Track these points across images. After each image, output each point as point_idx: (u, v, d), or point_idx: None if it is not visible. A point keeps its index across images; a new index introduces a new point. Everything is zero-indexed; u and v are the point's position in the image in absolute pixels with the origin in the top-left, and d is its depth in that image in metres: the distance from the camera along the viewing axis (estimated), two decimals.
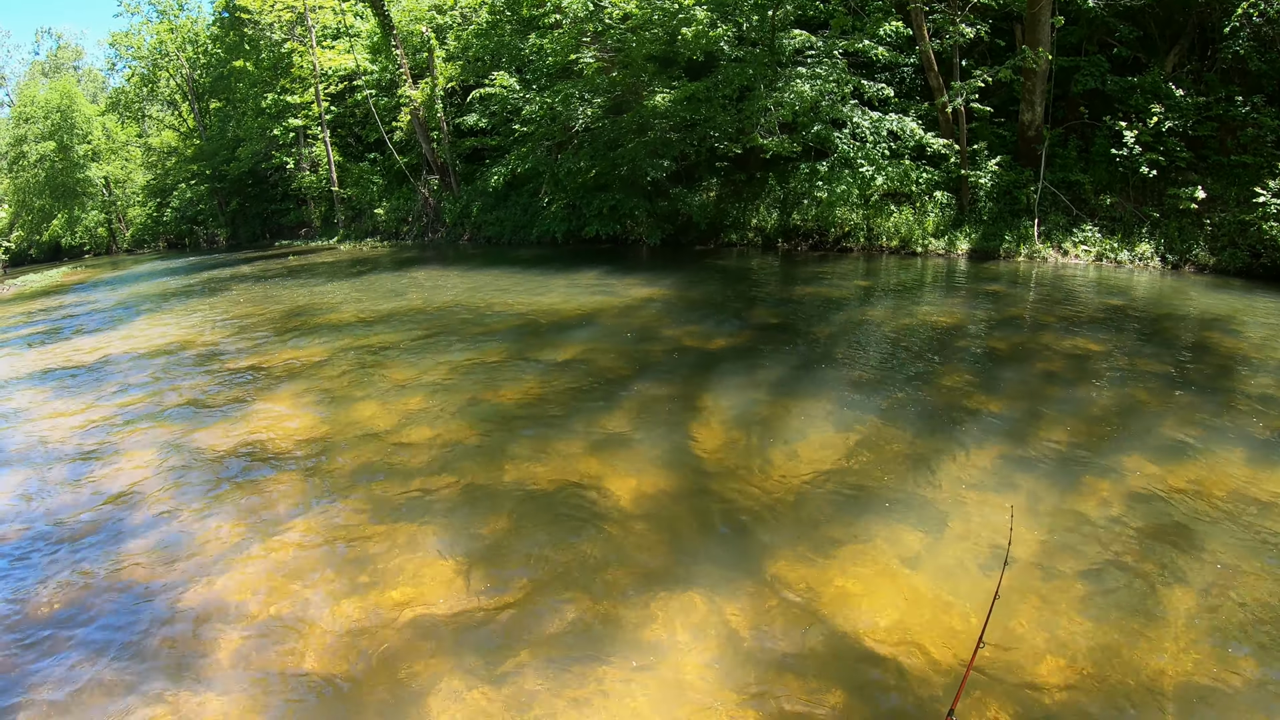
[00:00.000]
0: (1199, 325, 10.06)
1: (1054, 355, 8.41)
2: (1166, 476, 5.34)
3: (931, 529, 4.69)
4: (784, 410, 6.56)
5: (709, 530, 4.71)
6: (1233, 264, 13.83)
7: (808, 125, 14.80)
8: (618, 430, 6.17)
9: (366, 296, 13.29)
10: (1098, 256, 14.21)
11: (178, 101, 37.04)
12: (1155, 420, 6.42)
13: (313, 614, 3.99)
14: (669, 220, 16.04)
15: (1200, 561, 4.36)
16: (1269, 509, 4.91)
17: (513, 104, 18.02)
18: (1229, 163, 14.56)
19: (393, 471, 5.57)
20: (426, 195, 20.07)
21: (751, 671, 3.54)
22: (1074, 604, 4.00)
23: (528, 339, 9.30)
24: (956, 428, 6.18)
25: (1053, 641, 3.72)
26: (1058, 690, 3.44)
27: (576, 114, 16.81)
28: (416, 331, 9.93)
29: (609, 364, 8.05)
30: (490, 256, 17.55)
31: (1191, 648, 3.66)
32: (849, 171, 14.39)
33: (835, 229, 14.79)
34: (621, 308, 11.05)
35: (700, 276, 13.57)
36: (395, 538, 4.68)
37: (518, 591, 4.12)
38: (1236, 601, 4.01)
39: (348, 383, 7.79)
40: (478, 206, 18.86)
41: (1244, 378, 7.79)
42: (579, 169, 16.56)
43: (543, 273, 14.74)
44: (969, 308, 10.84)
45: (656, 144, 16.00)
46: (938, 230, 14.49)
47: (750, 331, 9.56)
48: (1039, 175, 14.75)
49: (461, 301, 11.95)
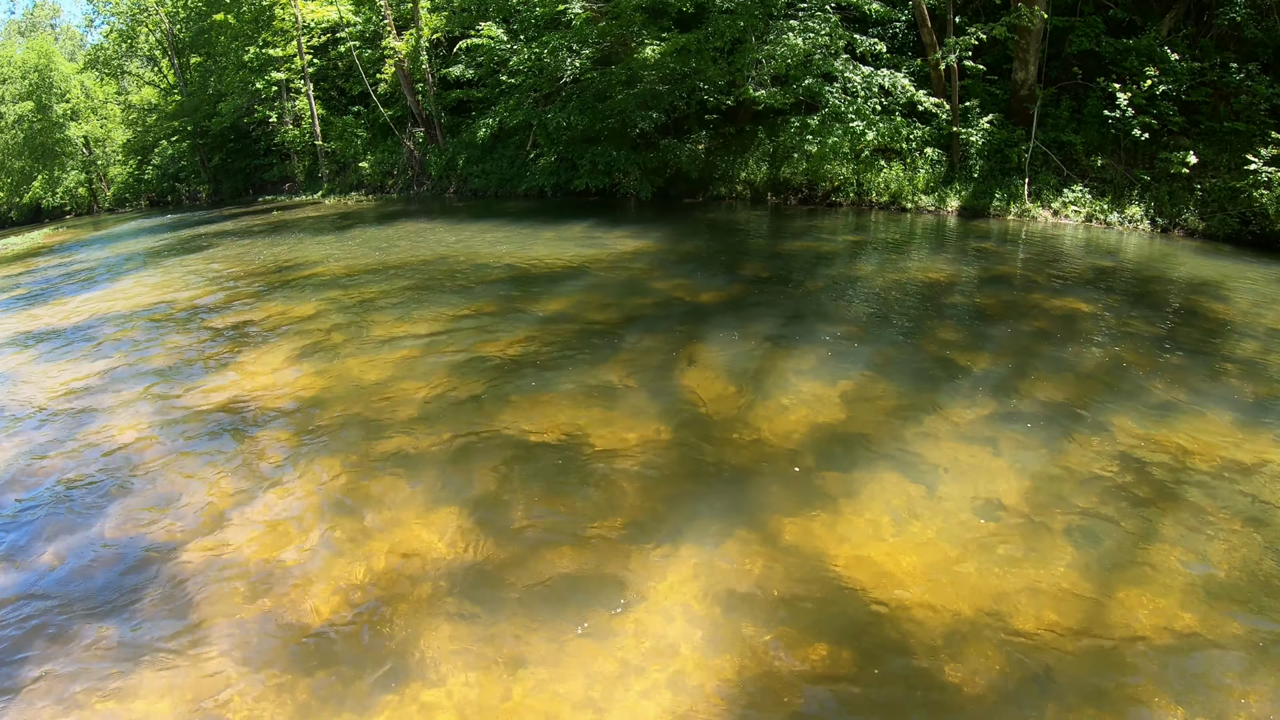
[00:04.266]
0: (1188, 289, 10.05)
1: (1043, 314, 8.39)
2: (1154, 436, 5.37)
3: (922, 481, 4.70)
4: (774, 362, 6.54)
5: (700, 481, 4.70)
6: (1222, 230, 13.81)
7: (799, 78, 14.58)
8: (608, 382, 6.15)
9: (352, 251, 13.08)
10: (1087, 217, 14.15)
11: (157, 57, 36.21)
12: (1143, 381, 6.43)
13: (308, 566, 4.01)
14: (658, 173, 15.84)
15: (1187, 521, 4.40)
16: (1254, 472, 4.95)
17: (499, 55, 17.66)
18: (1221, 129, 14.50)
19: (384, 424, 5.55)
20: (412, 148, 19.73)
21: (743, 621, 3.55)
22: (1062, 558, 4.03)
23: (517, 291, 9.19)
24: (946, 382, 6.19)
25: (1041, 594, 3.76)
26: (1045, 643, 3.47)
27: (565, 66, 16.50)
28: (404, 285, 9.80)
29: (599, 316, 7.97)
30: (477, 209, 17.30)
31: (1176, 604, 3.71)
32: (840, 126, 14.20)
33: (825, 183, 14.64)
34: (611, 260, 10.96)
35: (689, 229, 13.46)
36: (388, 490, 4.69)
37: (510, 542, 4.13)
38: (1221, 561, 4.06)
39: (336, 337, 7.69)
40: (464, 159, 18.56)
41: (1232, 342, 7.80)
42: (568, 122, 16.27)
43: (531, 225, 14.57)
44: (959, 264, 10.80)
45: (646, 96, 15.74)
46: (928, 187, 14.37)
47: (740, 284, 9.49)
48: (1030, 135, 14.63)
49: (449, 254, 11.79)
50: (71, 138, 36.96)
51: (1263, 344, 7.76)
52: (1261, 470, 4.99)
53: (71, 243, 21.68)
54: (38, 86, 36.33)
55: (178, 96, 32.47)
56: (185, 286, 11.30)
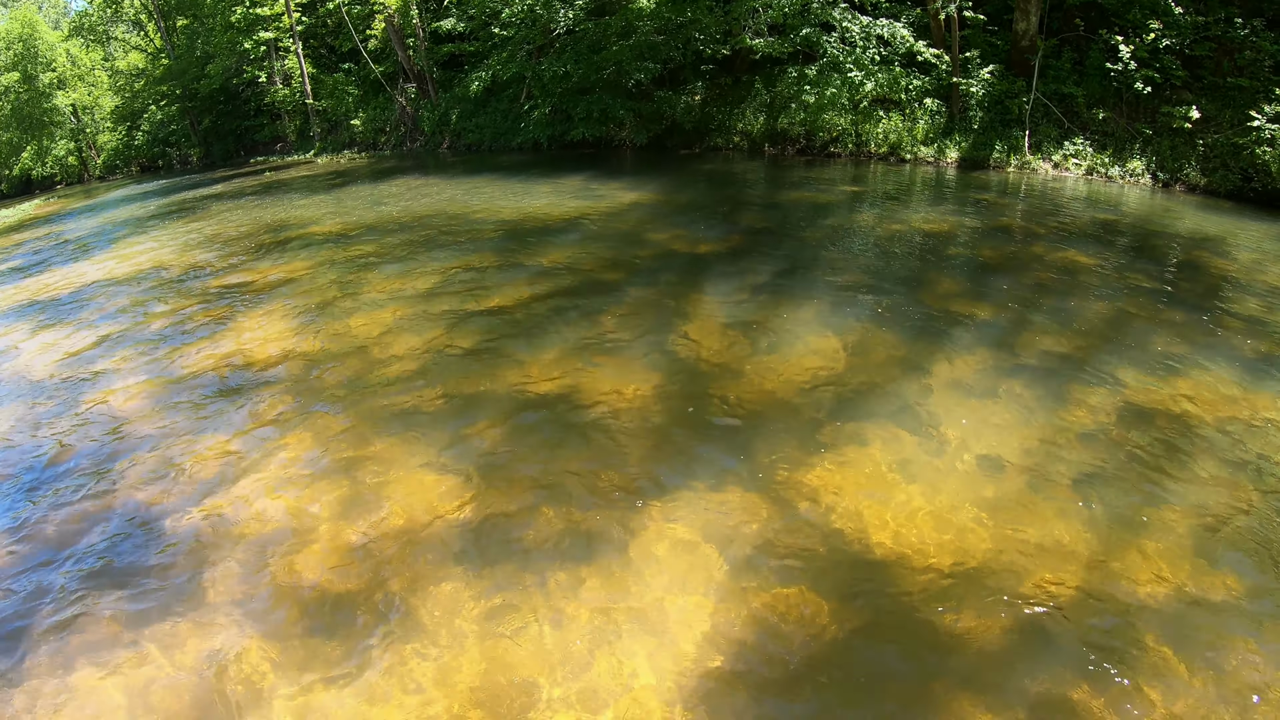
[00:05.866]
0: (1189, 244, 9.97)
1: (1044, 266, 8.33)
2: (1156, 391, 5.34)
3: (923, 434, 4.64)
4: (774, 314, 6.47)
5: (700, 433, 4.63)
6: (1224, 186, 13.67)
7: (796, 28, 14.34)
8: (607, 335, 6.08)
9: (346, 209, 12.88)
10: (1088, 171, 13.99)
11: (143, 21, 35.54)
12: (1145, 335, 6.36)
13: (308, 529, 3.97)
14: (654, 122, 15.62)
15: (1189, 476, 4.35)
16: (1255, 429, 4.92)
17: (491, 7, 17.36)
18: (1225, 84, 14.31)
19: (382, 383, 5.49)
20: (404, 104, 19.43)
21: (744, 575, 3.52)
22: (1063, 513, 3.98)
23: (513, 245, 9.07)
24: (947, 333, 6.12)
25: (1043, 548, 3.72)
26: (1047, 597, 3.42)
27: (558, 16, 16.22)
28: (399, 241, 9.67)
29: (596, 269, 7.89)
30: (471, 164, 17.07)
31: (1178, 559, 3.68)
32: (838, 76, 13.99)
33: (823, 134, 14.44)
34: (608, 212, 10.83)
35: (686, 180, 13.32)
36: (387, 449, 4.62)
37: (510, 498, 4.08)
38: (1222, 517, 4.01)
39: (332, 296, 7.59)
40: (456, 114, 18.29)
41: (1233, 299, 7.77)
42: (564, 73, 16.02)
43: (526, 178, 14.37)
44: (958, 216, 10.71)
45: (641, 47, 15.49)
46: (927, 138, 14.18)
47: (738, 235, 9.39)
48: (1031, 86, 14.42)
49: (443, 210, 11.63)
50: (59, 106, 36.24)
51: (1264, 301, 7.74)
52: (1263, 426, 4.96)
53: (63, 212, 21.29)
54: (22, 57, 35.55)
55: (165, 60, 31.91)
56: (180, 251, 11.09)
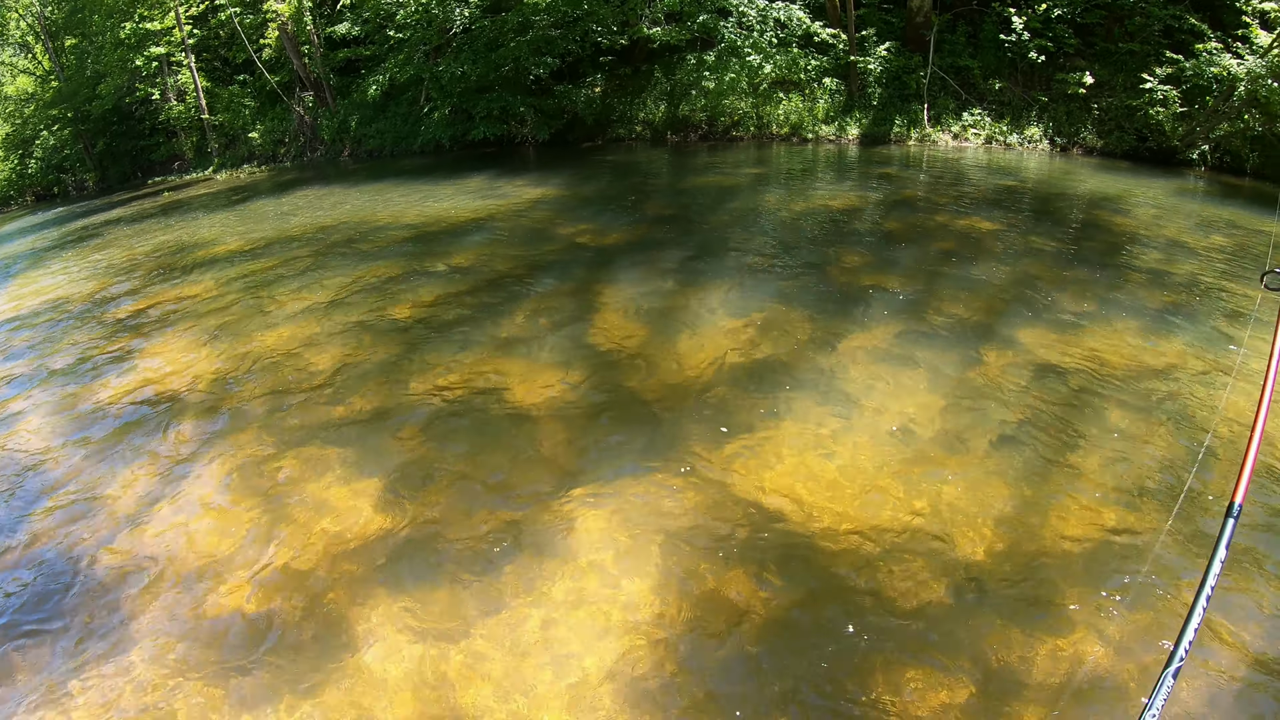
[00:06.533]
0: (1089, 205, 10.13)
1: (949, 234, 8.38)
2: (1065, 347, 5.41)
3: (842, 405, 4.67)
4: (685, 299, 6.44)
5: (620, 423, 4.60)
6: (1119, 147, 14.00)
7: (693, 15, 14.20)
8: (520, 333, 6.02)
9: (249, 225, 12.30)
10: (987, 139, 14.15)
11: (30, 44, 33.80)
12: (1051, 295, 6.45)
13: (233, 555, 3.84)
14: (555, 118, 15.35)
15: (1103, 425, 4.44)
16: (1164, 375, 5.04)
17: (386, 9, 16.81)
18: (1116, 50, 14.63)
19: (297, 399, 5.34)
20: (302, 113, 18.75)
21: (676, 558, 3.49)
22: (986, 470, 4.04)
23: (420, 250, 8.84)
24: (857, 307, 6.16)
25: (967, 507, 3.75)
26: (976, 554, 3.45)
27: (454, 16, 15.78)
28: (305, 254, 9.29)
29: (505, 267, 7.73)
30: (373, 170, 16.57)
31: (1099, 505, 3.74)
32: (736, 61, 13.90)
33: (724, 119, 14.34)
34: (513, 210, 10.60)
35: (590, 173, 13.12)
36: (307, 466, 4.50)
37: (437, 506, 4.01)
38: (1137, 465, 4.07)
39: (240, 314, 7.27)
40: (356, 120, 17.72)
41: (1135, 254, 7.94)
42: (461, 72, 15.61)
43: (429, 181, 14.01)
44: (862, 191, 10.72)
45: (539, 42, 15.17)
46: (828, 117, 14.18)
47: (645, 224, 9.29)
48: (928, 61, 14.52)
49: (348, 219, 11.21)
50: None
51: (1165, 254, 7.90)
52: (1171, 373, 5.07)
53: None
54: None
55: (55, 83, 30.32)
56: (81, 281, 10.40)
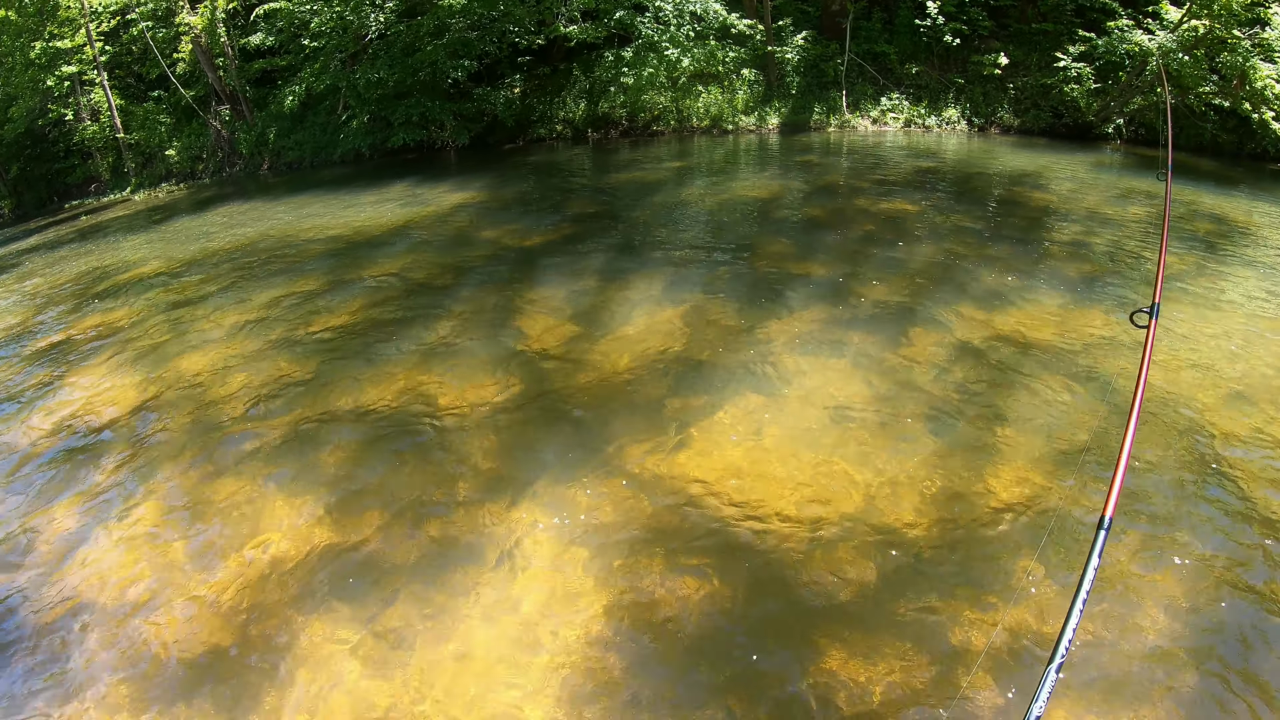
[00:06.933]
0: (1008, 182, 10.26)
1: (871, 218, 8.44)
2: (990, 323, 5.49)
3: (772, 393, 4.67)
4: (610, 297, 6.41)
5: (552, 427, 4.57)
6: (1036, 124, 14.22)
7: (609, 11, 14.09)
8: (447, 341, 5.94)
9: (170, 246, 11.84)
10: (906, 123, 14.26)
11: None
12: (975, 272, 6.54)
13: (171, 590, 3.72)
14: (475, 121, 15.12)
15: (1030, 395, 4.53)
16: (1087, 343, 5.15)
17: (300, 18, 16.39)
18: (1030, 30, 14.87)
19: (225, 422, 5.20)
20: (219, 128, 18.20)
21: (615, 557, 3.48)
22: (917, 448, 4.07)
23: (343, 262, 8.61)
24: (782, 295, 6.17)
25: (902, 486, 3.78)
26: (913, 532, 3.48)
27: (369, 21, 15.45)
28: (227, 273, 8.99)
29: (429, 275, 7.59)
30: (294, 183, 16.14)
31: (1030, 473, 3.83)
32: (654, 56, 13.81)
33: (644, 114, 14.26)
34: (436, 216, 10.41)
35: (512, 175, 12.93)
36: (240, 491, 4.38)
37: (371, 522, 3.93)
38: (1065, 432, 4.17)
39: (164, 338, 7.00)
40: (274, 132, 17.24)
41: (1055, 228, 8.09)
42: (378, 79, 15.29)
43: (350, 191, 13.64)
44: (784, 179, 10.73)
45: (456, 45, 14.91)
46: (748, 107, 14.18)
47: (568, 224, 9.21)
48: (845, 48, 14.60)
49: (269, 234, 10.87)
50: None
51: (1084, 226, 8.05)
52: (1093, 341, 5.16)
53: None
54: None
55: None
56: None
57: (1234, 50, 11.85)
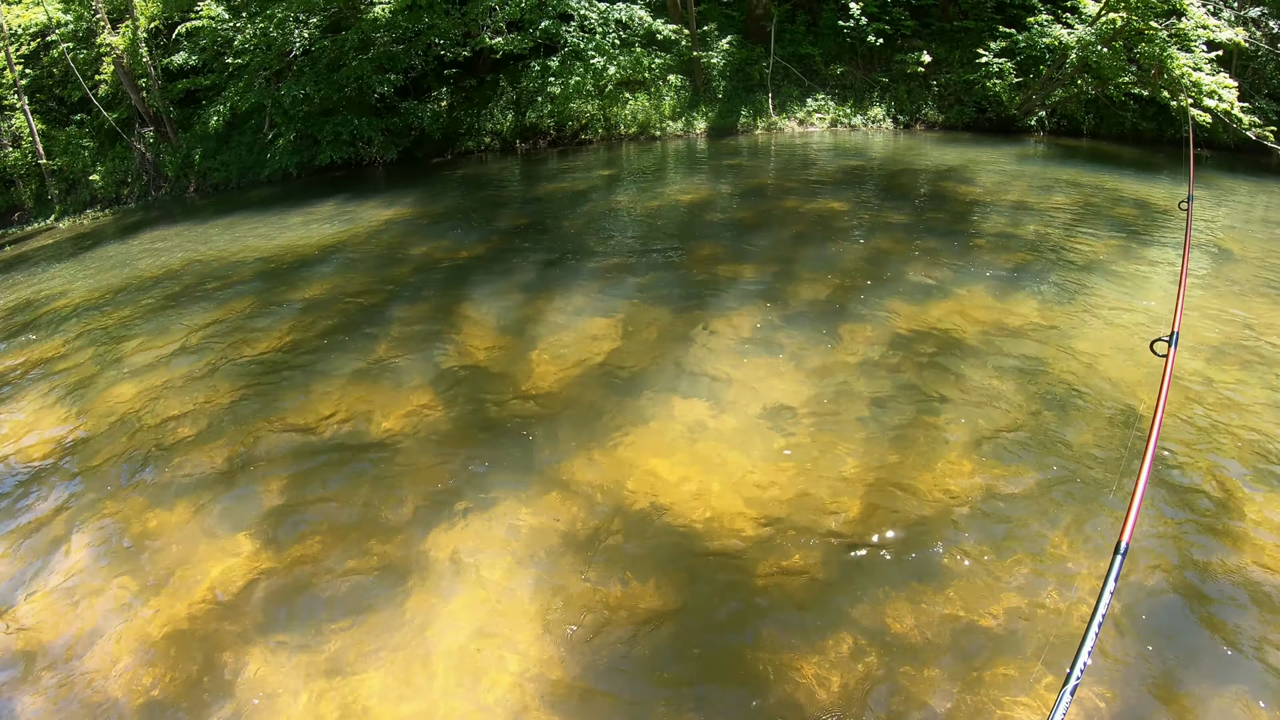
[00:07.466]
0: (935, 177, 10.40)
1: (800, 218, 8.50)
2: (922, 316, 5.56)
3: (710, 398, 4.68)
4: (544, 308, 6.40)
5: (492, 442, 4.53)
6: (960, 120, 14.49)
7: (535, 21, 14.03)
8: (381, 360, 5.84)
9: (96, 274, 11.44)
10: (832, 123, 14.42)
11: None
12: (904, 267, 6.60)
13: (110, 633, 3.57)
14: (403, 135, 14.96)
15: (966, 387, 4.59)
16: (1019, 332, 5.25)
17: (223, 36, 16.08)
18: (952, 28, 15.16)
19: (159, 453, 5.05)
20: (143, 150, 17.75)
21: (562, 570, 3.47)
22: (858, 446, 4.10)
23: (272, 283, 8.41)
24: (716, 298, 6.20)
25: (845, 485, 3.80)
26: (858, 531, 3.49)
27: (293, 37, 15.20)
28: (155, 299, 8.70)
29: (361, 294, 7.46)
30: (221, 205, 15.78)
31: (972, 466, 3.88)
32: (581, 64, 13.79)
33: (572, 123, 14.23)
34: (365, 234, 10.21)
35: (441, 189, 12.80)
36: (176, 523, 4.26)
37: (313, 548, 3.85)
38: (1000, 420, 4.24)
39: (92, 370, 6.76)
40: (199, 153, 16.86)
41: (981, 220, 8.22)
42: (304, 96, 15.06)
43: (278, 211, 13.34)
44: (713, 183, 10.79)
45: (381, 59, 14.74)
46: (675, 113, 14.23)
47: (499, 236, 9.10)
48: (770, 51, 14.74)
49: (197, 257, 10.56)
50: None
51: (1009, 218, 8.20)
52: (1025, 330, 5.28)
53: None
54: None
55: None
56: None
57: (1151, 41, 12.19)
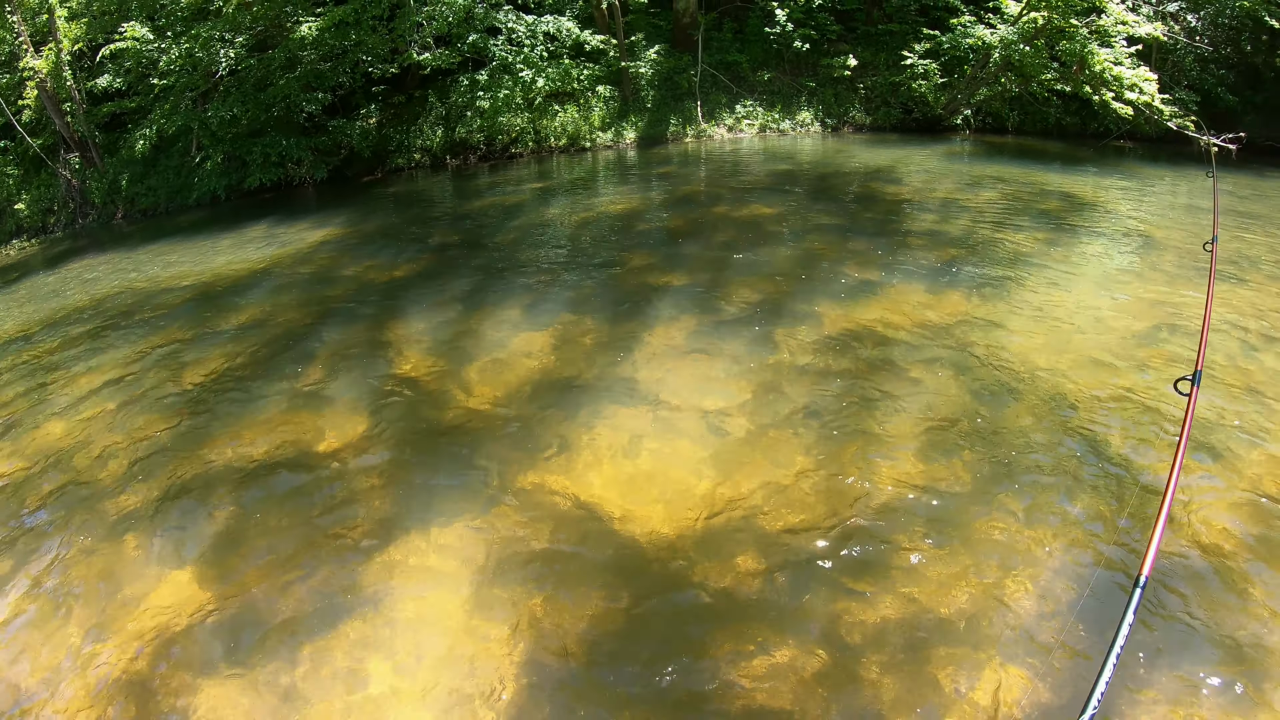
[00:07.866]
0: (864, 178, 10.58)
1: (731, 224, 8.59)
2: (855, 316, 5.62)
3: (646, 405, 4.71)
4: (479, 324, 6.39)
5: (433, 463, 4.53)
6: (887, 121, 14.77)
7: (462, 36, 14.00)
8: (318, 384, 5.78)
9: (23, 306, 11.11)
10: (761, 128, 14.61)
11: None
12: (836, 268, 6.69)
13: (56, 674, 3.50)
14: (332, 154, 14.84)
15: (901, 383, 4.65)
16: (951, 326, 5.33)
17: (148, 57, 15.82)
18: (877, 32, 15.43)
19: (96, 491, 4.91)
20: (69, 177, 17.33)
21: (509, 587, 3.47)
22: (796, 447, 4.13)
23: (205, 310, 8.26)
24: (649, 307, 6.23)
25: (785, 489, 3.81)
26: (800, 532, 3.51)
27: (219, 57, 14.99)
28: (85, 331, 8.48)
29: (293, 317, 7.36)
30: (150, 231, 15.45)
31: (906, 461, 3.93)
32: (509, 78, 13.80)
33: (502, 137, 14.22)
34: (296, 256, 10.08)
35: (372, 208, 12.69)
36: (118, 561, 4.17)
37: (259, 580, 3.79)
38: (936, 413, 4.30)
39: (22, 407, 6.57)
40: (126, 178, 16.50)
41: (911, 218, 8.37)
42: (231, 117, 14.86)
43: (208, 236, 13.09)
44: (643, 192, 10.84)
45: (309, 77, 14.59)
46: (604, 123, 14.30)
47: (431, 254, 9.07)
48: (698, 59, 14.88)
49: (127, 287, 10.31)
50: None
51: (938, 214, 8.36)
52: (956, 323, 5.35)
53: None
54: None
55: None
56: None
57: (1072, 38, 12.54)
